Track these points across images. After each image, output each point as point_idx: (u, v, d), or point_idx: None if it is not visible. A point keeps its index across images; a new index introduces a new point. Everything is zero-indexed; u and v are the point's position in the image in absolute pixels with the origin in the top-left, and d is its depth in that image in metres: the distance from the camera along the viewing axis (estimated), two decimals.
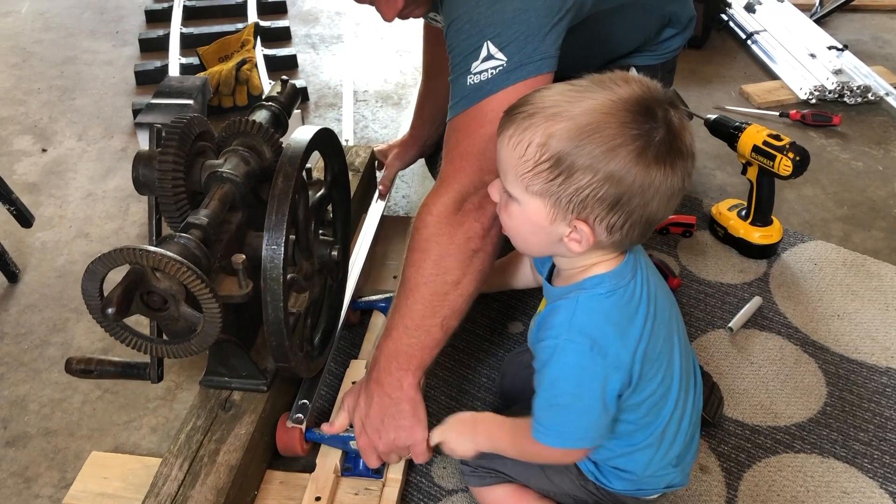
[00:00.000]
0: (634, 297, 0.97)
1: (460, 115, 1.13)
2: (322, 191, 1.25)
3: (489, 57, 1.09)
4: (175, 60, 2.43)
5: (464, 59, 1.11)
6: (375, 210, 1.71)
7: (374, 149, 1.82)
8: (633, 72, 1.47)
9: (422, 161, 1.93)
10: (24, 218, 1.66)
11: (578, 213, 0.89)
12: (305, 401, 1.24)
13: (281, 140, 1.23)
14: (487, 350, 1.46)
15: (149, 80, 2.41)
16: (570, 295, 0.97)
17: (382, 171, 1.80)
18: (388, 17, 1.23)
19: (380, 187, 1.77)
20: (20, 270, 1.70)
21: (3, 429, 1.38)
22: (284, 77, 1.38)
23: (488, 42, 1.08)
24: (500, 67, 1.08)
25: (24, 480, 1.29)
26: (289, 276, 1.09)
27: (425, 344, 1.14)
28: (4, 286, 1.68)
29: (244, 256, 1.06)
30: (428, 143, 1.80)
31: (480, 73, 1.09)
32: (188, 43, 2.54)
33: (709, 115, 1.71)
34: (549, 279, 1.05)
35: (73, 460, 1.31)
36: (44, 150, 2.14)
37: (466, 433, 1.11)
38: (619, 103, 0.87)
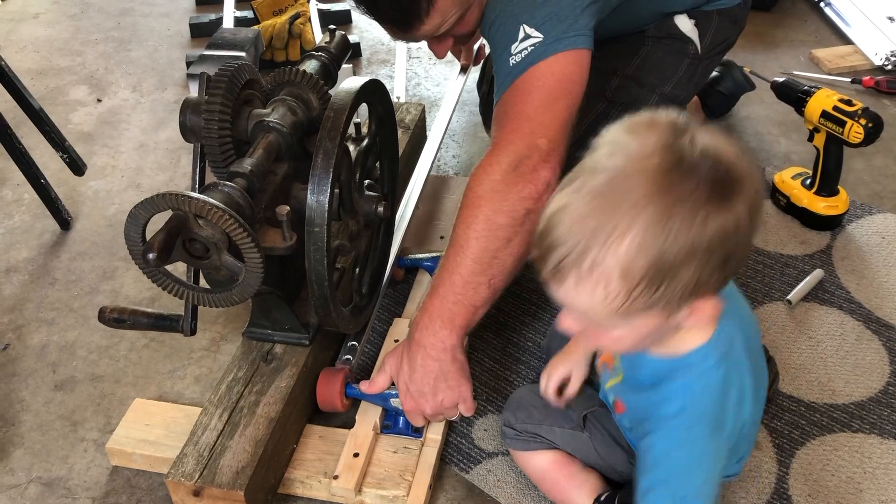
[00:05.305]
0: (739, 357, 0.91)
1: (506, 92, 1.17)
2: (368, 144, 1.23)
3: (526, 37, 1.14)
4: (230, 13, 2.40)
5: (504, 47, 1.16)
6: (455, 86, 1.81)
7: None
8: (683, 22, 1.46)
9: (475, 120, 1.90)
10: (76, 166, 1.67)
11: (696, 295, 0.78)
12: (355, 342, 1.24)
13: (330, 91, 1.20)
14: (534, 314, 1.43)
15: (203, 32, 2.40)
16: (675, 376, 0.89)
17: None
18: (440, 56, 1.34)
19: (462, 61, 1.85)
20: (72, 218, 1.72)
21: (53, 372, 1.40)
22: (332, 26, 1.35)
23: (524, 25, 1.14)
24: (538, 42, 1.14)
25: (71, 424, 1.31)
26: (335, 244, 1.08)
27: (471, 302, 1.10)
28: (57, 233, 1.70)
29: (288, 208, 1.04)
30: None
31: (520, 51, 1.15)
32: None
33: (776, 78, 1.63)
34: None
35: (118, 406, 1.32)
36: (99, 101, 2.15)
37: None
38: (657, 174, 0.74)
